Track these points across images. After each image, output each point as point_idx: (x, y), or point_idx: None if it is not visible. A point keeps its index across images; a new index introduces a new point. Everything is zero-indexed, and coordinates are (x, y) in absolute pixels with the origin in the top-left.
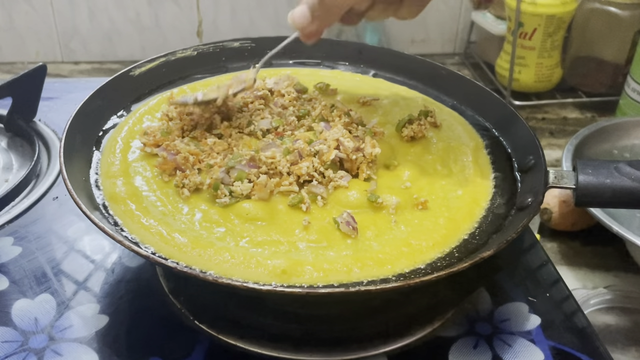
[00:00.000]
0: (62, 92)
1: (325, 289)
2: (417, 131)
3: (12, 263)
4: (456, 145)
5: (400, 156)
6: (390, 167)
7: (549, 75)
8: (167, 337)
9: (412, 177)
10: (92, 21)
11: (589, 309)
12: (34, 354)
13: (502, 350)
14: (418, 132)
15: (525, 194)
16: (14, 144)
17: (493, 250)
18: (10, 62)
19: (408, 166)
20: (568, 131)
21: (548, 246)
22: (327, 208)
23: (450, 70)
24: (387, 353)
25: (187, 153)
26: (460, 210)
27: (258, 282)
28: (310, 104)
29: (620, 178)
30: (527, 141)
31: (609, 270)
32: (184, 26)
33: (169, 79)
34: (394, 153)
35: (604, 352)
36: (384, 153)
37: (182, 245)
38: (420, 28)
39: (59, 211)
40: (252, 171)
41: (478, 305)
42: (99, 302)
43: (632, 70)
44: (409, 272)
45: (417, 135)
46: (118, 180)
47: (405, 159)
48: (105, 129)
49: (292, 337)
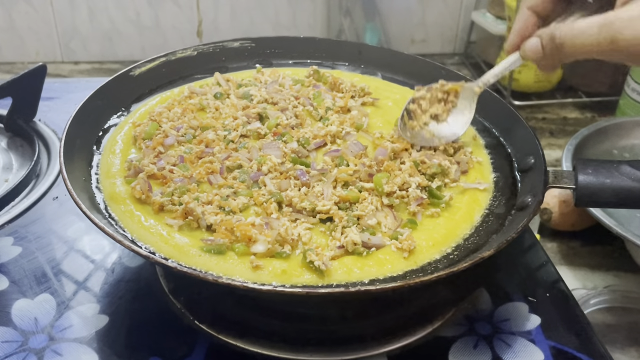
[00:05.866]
0: (62, 92)
1: (325, 289)
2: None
3: (12, 263)
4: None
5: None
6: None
7: (548, 75)
8: (167, 337)
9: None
10: (92, 21)
11: (589, 309)
12: (34, 354)
13: (502, 350)
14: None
15: (525, 194)
16: (14, 144)
17: (493, 250)
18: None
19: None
20: (568, 131)
21: (548, 246)
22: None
23: (450, 70)
24: (387, 353)
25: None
26: (460, 210)
27: (258, 282)
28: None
29: (620, 178)
30: (527, 141)
31: (609, 270)
32: (184, 26)
33: (169, 79)
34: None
35: (604, 352)
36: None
37: (182, 245)
38: (420, 28)
39: (59, 211)
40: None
41: (478, 305)
42: (99, 302)
43: (632, 70)
44: (408, 272)
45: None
46: (118, 180)
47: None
48: (105, 129)
49: (292, 337)
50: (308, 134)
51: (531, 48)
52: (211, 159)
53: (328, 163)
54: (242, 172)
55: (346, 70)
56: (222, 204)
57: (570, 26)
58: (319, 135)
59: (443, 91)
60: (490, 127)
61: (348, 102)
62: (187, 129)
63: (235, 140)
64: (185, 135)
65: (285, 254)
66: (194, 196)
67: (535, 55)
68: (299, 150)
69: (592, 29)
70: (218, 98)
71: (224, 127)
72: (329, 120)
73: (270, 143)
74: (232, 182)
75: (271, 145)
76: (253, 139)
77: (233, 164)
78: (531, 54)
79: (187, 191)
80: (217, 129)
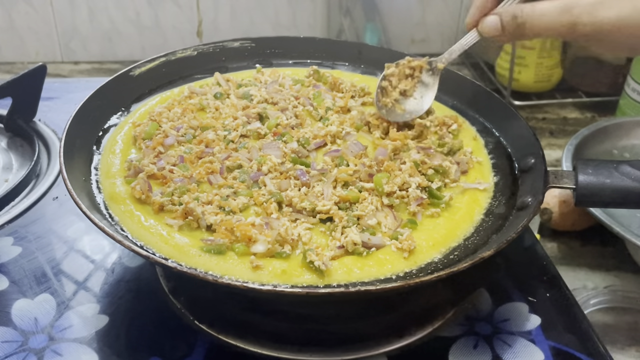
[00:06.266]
0: (62, 92)
1: (325, 289)
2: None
3: (12, 263)
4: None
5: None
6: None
7: (548, 75)
8: (167, 337)
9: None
10: (92, 21)
11: (589, 309)
12: (33, 354)
13: (502, 350)
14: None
15: (525, 194)
16: (14, 144)
17: (493, 250)
18: (10, 62)
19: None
20: (568, 131)
21: (548, 246)
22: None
23: (450, 70)
24: (387, 353)
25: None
26: (460, 211)
27: (258, 282)
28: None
29: (620, 178)
30: (527, 141)
31: (609, 270)
32: (184, 26)
33: (169, 79)
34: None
35: (604, 352)
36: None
37: (182, 245)
38: (420, 28)
39: (59, 211)
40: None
41: (478, 305)
42: (99, 302)
43: (632, 70)
44: (408, 272)
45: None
46: (118, 180)
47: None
48: (105, 129)
49: (292, 337)
50: (308, 134)
51: (489, 25)
52: (211, 159)
53: (328, 163)
54: (242, 172)
55: (346, 70)
56: (222, 204)
57: (532, 7)
58: (319, 135)
59: (410, 67)
60: (490, 127)
61: (348, 102)
62: (187, 129)
63: (235, 140)
64: (185, 135)
65: (285, 254)
66: (194, 196)
67: (493, 33)
68: (299, 150)
69: (553, 13)
70: (218, 98)
71: (224, 127)
72: (329, 121)
73: (270, 143)
74: (232, 182)
75: (271, 145)
76: (253, 139)
77: (233, 164)
78: (489, 30)
79: (187, 191)
80: (217, 129)
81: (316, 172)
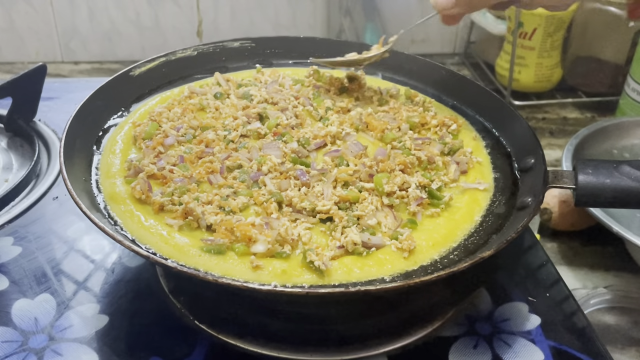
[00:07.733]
0: (62, 92)
1: (325, 289)
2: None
3: (12, 263)
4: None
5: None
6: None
7: (549, 75)
8: (167, 337)
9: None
10: (92, 21)
11: (589, 309)
12: (34, 354)
13: (502, 350)
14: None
15: (525, 194)
16: (14, 144)
17: (493, 250)
18: (10, 62)
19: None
20: (568, 131)
21: (548, 246)
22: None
23: (450, 70)
24: (387, 353)
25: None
26: (460, 210)
27: (258, 282)
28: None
29: (620, 178)
30: (527, 141)
31: (609, 270)
32: (184, 26)
33: (169, 79)
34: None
35: (604, 352)
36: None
37: (182, 245)
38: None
39: (59, 211)
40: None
41: (478, 305)
42: (99, 302)
43: (632, 70)
44: (408, 272)
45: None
46: (118, 180)
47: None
48: (105, 129)
49: (292, 337)
50: (308, 134)
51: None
52: (211, 159)
53: (328, 163)
54: (242, 172)
55: (346, 70)
56: (222, 204)
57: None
58: (319, 135)
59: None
60: (490, 127)
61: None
62: (187, 129)
63: (235, 140)
64: (185, 135)
65: (285, 254)
66: (194, 196)
67: (446, 3)
68: (299, 150)
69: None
70: (218, 98)
71: (224, 127)
72: (329, 121)
73: (270, 143)
74: (232, 182)
75: (271, 145)
76: (253, 139)
77: (233, 164)
78: (443, 1)
79: (187, 191)
80: (217, 129)
81: (316, 172)
